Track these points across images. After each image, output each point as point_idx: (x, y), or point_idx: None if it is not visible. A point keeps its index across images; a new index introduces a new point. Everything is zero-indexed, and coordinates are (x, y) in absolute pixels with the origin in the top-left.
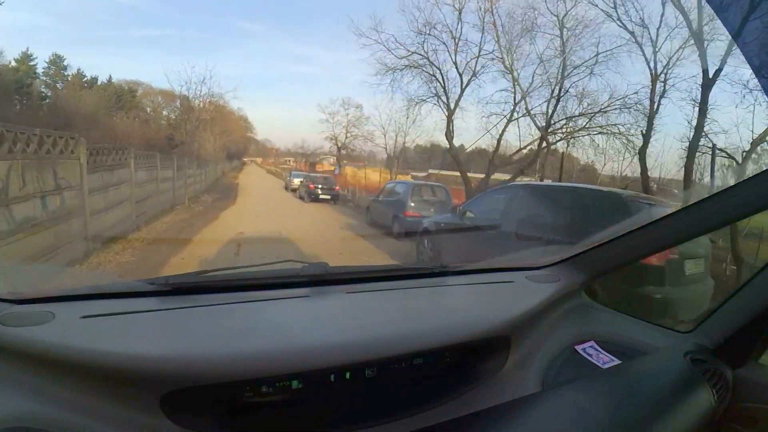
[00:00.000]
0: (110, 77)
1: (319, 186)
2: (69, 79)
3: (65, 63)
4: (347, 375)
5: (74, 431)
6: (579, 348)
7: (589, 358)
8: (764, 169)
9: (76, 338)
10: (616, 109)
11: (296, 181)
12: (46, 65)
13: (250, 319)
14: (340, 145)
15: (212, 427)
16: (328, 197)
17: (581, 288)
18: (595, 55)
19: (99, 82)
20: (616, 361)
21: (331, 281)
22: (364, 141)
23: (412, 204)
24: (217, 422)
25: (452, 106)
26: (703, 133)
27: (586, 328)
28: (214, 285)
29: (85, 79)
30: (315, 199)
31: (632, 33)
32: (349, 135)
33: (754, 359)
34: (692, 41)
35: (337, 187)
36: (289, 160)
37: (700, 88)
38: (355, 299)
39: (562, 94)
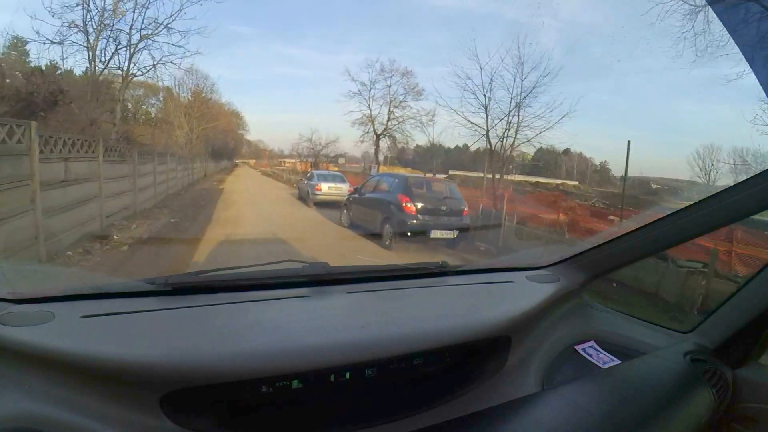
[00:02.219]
0: (87, 69)
1: (431, 206)
2: (30, 64)
3: (27, 48)
4: (347, 375)
5: (74, 431)
6: (579, 348)
7: (589, 358)
8: (764, 169)
9: (76, 338)
10: None
11: (327, 188)
12: (5, 50)
13: (250, 319)
14: (379, 131)
15: (212, 427)
16: (450, 235)
17: (581, 288)
18: None
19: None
20: (616, 361)
21: (332, 281)
22: (419, 125)
23: None
24: (217, 422)
25: None
26: None
27: (586, 328)
28: (214, 285)
29: (59, 71)
30: (409, 234)
31: None
32: (393, 117)
33: (754, 359)
34: None
35: (466, 209)
36: (284, 161)
37: None
38: (356, 299)
39: None
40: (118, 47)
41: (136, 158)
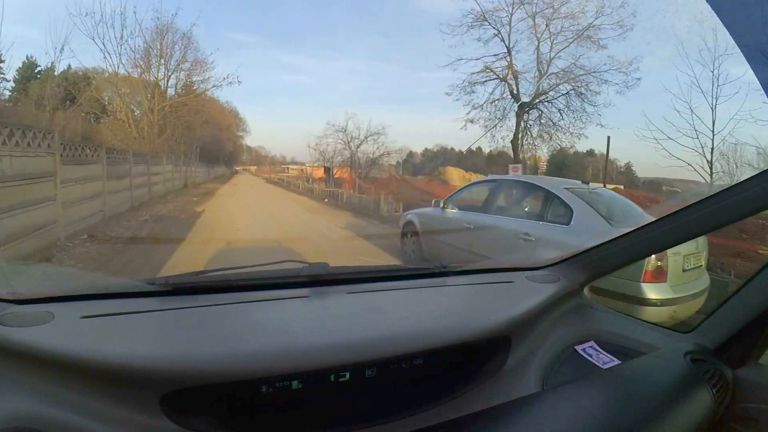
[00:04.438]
0: (69, 66)
1: None
2: None
3: None
4: (347, 375)
5: (74, 431)
6: (579, 348)
7: (589, 358)
8: (764, 168)
9: (76, 338)
10: None
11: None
12: None
13: (250, 319)
14: (534, 95)
15: (212, 427)
16: None
17: (581, 288)
18: None
19: (58, 73)
20: (616, 361)
21: (332, 281)
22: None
23: None
24: (217, 422)
25: None
26: None
27: (586, 328)
28: (214, 285)
29: (38, 69)
30: None
31: None
32: (547, 71)
33: (754, 359)
34: None
35: None
36: (287, 168)
37: None
38: (356, 299)
39: None
40: None
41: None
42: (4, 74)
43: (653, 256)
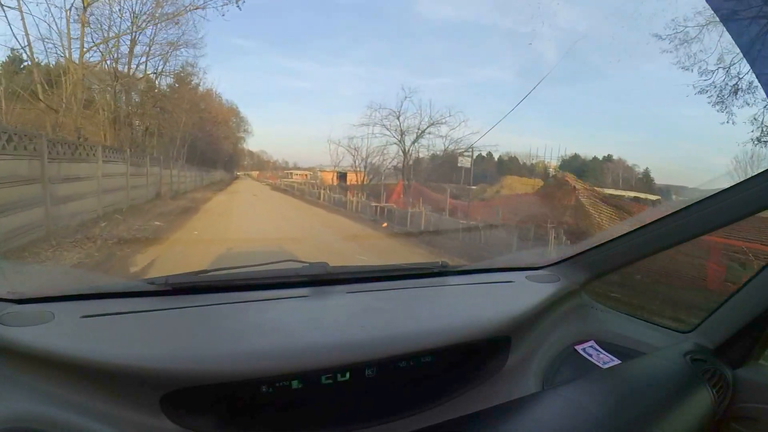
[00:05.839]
0: (58, 60)
1: None
2: None
3: None
4: (347, 375)
5: (74, 431)
6: (579, 348)
7: (589, 358)
8: (764, 168)
9: (76, 338)
10: None
11: None
12: None
13: (250, 319)
14: None
15: (212, 427)
16: None
17: (581, 288)
18: None
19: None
20: (616, 361)
21: (331, 281)
22: None
23: None
24: (217, 422)
25: None
26: None
27: (586, 328)
28: (214, 285)
29: (24, 64)
30: None
31: None
32: None
33: (754, 359)
34: None
35: None
36: (291, 173)
37: None
38: (355, 299)
39: None
40: None
41: None
42: None
43: None
